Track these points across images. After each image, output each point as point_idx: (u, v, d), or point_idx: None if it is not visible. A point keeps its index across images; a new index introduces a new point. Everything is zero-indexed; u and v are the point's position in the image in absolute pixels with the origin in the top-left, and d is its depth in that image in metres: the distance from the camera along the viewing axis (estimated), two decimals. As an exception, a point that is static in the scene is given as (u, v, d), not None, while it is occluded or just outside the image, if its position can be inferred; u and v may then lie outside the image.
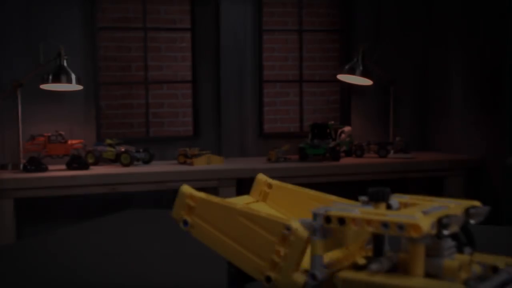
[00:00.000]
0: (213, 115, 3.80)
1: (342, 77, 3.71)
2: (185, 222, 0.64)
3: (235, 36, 3.79)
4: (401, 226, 0.52)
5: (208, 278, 0.84)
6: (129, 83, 4.10)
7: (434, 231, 0.52)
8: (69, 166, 3.21)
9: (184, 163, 3.34)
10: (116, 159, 3.32)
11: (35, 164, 3.13)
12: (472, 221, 0.58)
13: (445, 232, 0.53)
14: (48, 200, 3.55)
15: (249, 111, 3.84)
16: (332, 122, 3.57)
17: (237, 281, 0.63)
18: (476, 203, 0.59)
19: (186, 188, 0.64)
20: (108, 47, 4.09)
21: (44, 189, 3.06)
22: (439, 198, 0.61)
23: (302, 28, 4.09)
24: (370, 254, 0.61)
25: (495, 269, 0.57)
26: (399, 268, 0.56)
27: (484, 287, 0.52)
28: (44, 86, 3.31)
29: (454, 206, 0.57)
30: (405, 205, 0.60)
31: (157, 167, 3.29)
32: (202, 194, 0.64)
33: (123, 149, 3.30)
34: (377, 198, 0.58)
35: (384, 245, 0.59)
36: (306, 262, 0.58)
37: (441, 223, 0.53)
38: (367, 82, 3.67)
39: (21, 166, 3.15)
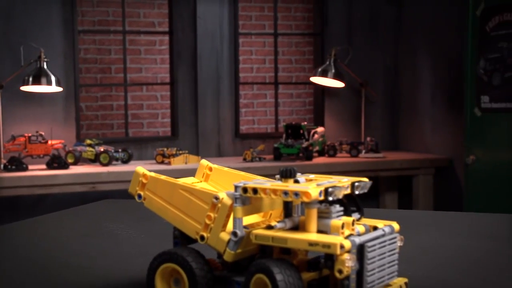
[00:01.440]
0: (190, 116, 3.98)
1: (315, 79, 3.91)
2: (139, 196, 0.83)
3: (212, 39, 3.98)
4: (296, 194, 0.71)
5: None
6: (109, 85, 4.27)
7: (322, 198, 0.71)
8: (49, 166, 3.37)
9: (162, 162, 3.51)
10: (95, 159, 3.49)
11: (16, 163, 3.29)
12: (356, 192, 0.77)
13: (330, 198, 0.72)
14: (29, 198, 3.71)
15: (226, 112, 4.03)
16: (305, 123, 3.77)
17: (180, 241, 0.82)
18: (364, 179, 0.79)
19: (140, 169, 0.83)
20: (88, 50, 4.26)
21: (25, 188, 3.22)
22: (338, 176, 0.81)
23: (278, 31, 4.30)
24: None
25: (375, 228, 0.77)
26: (300, 228, 0.75)
27: (358, 239, 0.71)
28: (24, 88, 3.46)
29: (344, 181, 0.76)
30: (310, 181, 0.79)
31: (135, 166, 3.45)
32: (152, 173, 0.83)
33: (102, 149, 3.47)
34: (286, 175, 0.77)
35: (291, 211, 0.78)
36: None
37: (327, 192, 0.72)
38: (339, 84, 3.87)
39: (2, 165, 3.29)
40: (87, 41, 4.26)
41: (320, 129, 3.75)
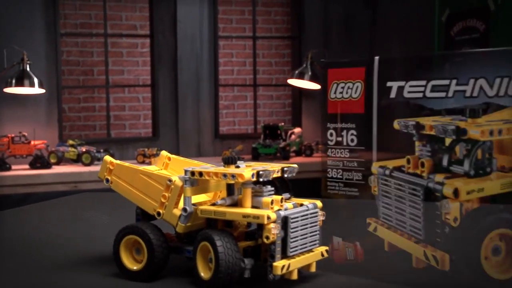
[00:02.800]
0: (171, 117, 4.15)
1: (292, 81, 4.10)
2: (107, 180, 1.00)
3: (192, 42, 4.16)
4: (233, 175, 0.89)
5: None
6: (91, 87, 4.43)
7: (254, 179, 0.90)
8: (32, 166, 3.52)
9: (143, 162, 3.68)
10: (77, 159, 3.65)
11: (-1, 163, 3.44)
12: (286, 175, 0.95)
13: (261, 179, 0.90)
14: (12, 197, 3.85)
15: (205, 114, 4.21)
16: (283, 123, 3.96)
17: (142, 217, 1.00)
18: (292, 165, 0.97)
19: (107, 157, 1.01)
20: (71, 52, 4.42)
21: (8, 187, 3.37)
22: (273, 164, 0.99)
23: (257, 34, 4.49)
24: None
25: (301, 205, 0.95)
26: (238, 204, 0.93)
27: (283, 212, 0.89)
28: (7, 90, 3.62)
29: (275, 166, 0.95)
30: (249, 167, 0.96)
31: (116, 166, 3.62)
32: (117, 161, 1.01)
33: (84, 150, 3.63)
34: (228, 162, 0.95)
35: (233, 192, 0.96)
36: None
37: (258, 174, 0.90)
38: (316, 86, 4.06)
39: (-14, 165, 3.44)
40: (70, 43, 4.42)
41: (297, 130, 3.94)
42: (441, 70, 0.86)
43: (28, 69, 3.61)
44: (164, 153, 1.11)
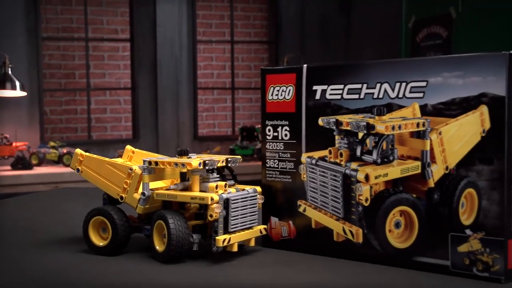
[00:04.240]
0: (151, 119, 4.34)
1: (269, 84, 4.31)
2: (78, 170, 1.19)
3: (172, 46, 4.35)
4: (183, 164, 1.08)
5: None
6: (73, 90, 4.61)
7: (201, 167, 1.09)
8: (14, 167, 3.68)
9: (123, 163, 3.85)
10: (59, 160, 3.81)
11: (-18, 164, 3.60)
12: (230, 165, 1.14)
13: (207, 168, 1.09)
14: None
15: (185, 116, 4.40)
16: (259, 125, 4.16)
17: (108, 202, 1.19)
18: (236, 156, 1.16)
19: (78, 150, 1.20)
20: (53, 56, 4.59)
21: (-10, 187, 3.53)
22: (220, 155, 1.18)
23: (236, 39, 4.69)
24: (180, 185, 1.17)
25: (243, 190, 1.14)
26: (188, 189, 1.12)
27: (225, 195, 1.08)
28: (-10, 92, 3.78)
29: (221, 157, 1.14)
30: (199, 157, 1.16)
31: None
32: (87, 153, 1.19)
33: (65, 151, 3.80)
34: (181, 154, 1.14)
35: (186, 179, 1.15)
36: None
37: (205, 163, 1.09)
38: (292, 89, 4.27)
39: (-31, 166, 3.60)
40: (51, 47, 4.59)
41: (273, 132, 4.14)
42: (355, 76, 1.06)
43: (10, 72, 3.77)
44: (128, 147, 1.30)
